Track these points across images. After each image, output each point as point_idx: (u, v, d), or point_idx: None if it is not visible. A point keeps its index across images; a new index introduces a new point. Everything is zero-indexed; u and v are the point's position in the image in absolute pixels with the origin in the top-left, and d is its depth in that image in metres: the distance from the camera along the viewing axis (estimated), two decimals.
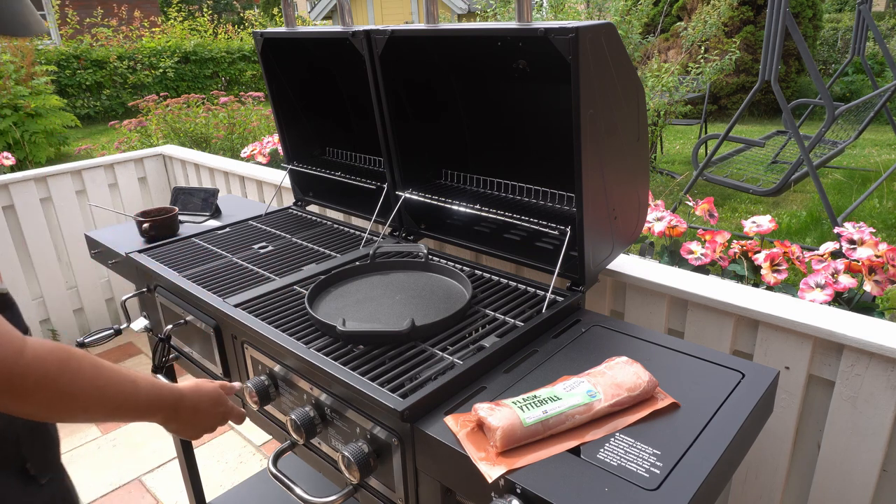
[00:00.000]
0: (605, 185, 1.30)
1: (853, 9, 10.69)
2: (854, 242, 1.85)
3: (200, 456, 2.62)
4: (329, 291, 1.44)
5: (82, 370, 0.83)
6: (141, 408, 0.95)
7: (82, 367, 0.83)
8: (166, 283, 1.56)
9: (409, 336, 1.20)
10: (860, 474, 1.32)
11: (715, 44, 7.67)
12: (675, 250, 2.03)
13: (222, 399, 1.16)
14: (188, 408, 1.07)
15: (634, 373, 1.00)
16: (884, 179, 5.38)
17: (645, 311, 1.58)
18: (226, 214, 2.10)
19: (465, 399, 1.04)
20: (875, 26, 5.17)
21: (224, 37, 11.73)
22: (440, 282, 1.47)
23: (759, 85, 4.18)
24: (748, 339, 1.44)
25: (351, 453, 1.04)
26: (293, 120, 2.04)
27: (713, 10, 5.80)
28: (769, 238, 2.08)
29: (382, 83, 1.54)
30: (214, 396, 1.14)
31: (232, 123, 4.76)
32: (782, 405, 1.40)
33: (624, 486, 0.84)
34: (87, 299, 3.50)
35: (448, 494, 1.01)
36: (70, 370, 0.81)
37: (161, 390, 0.99)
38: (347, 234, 1.85)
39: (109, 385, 0.88)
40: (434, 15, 1.46)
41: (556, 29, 1.12)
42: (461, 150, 1.79)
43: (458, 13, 15.12)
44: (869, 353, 1.24)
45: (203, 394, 1.11)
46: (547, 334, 1.24)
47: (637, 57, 5.71)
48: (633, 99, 1.32)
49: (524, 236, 1.63)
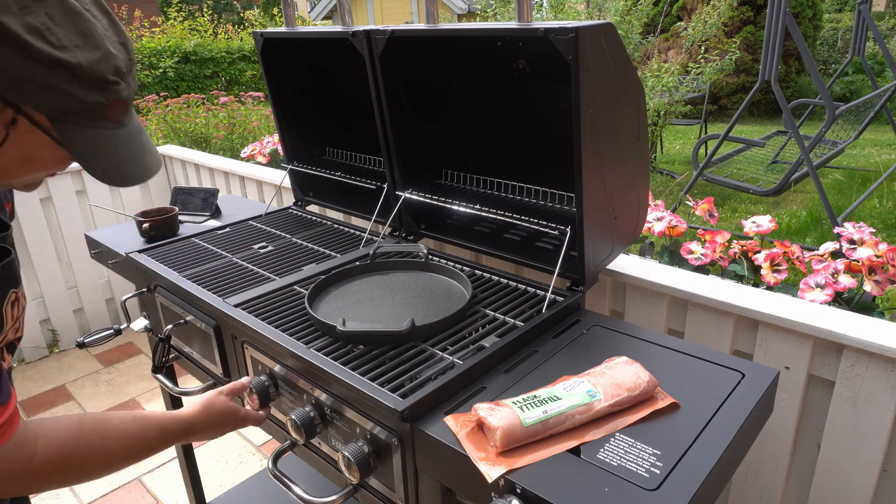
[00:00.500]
0: (605, 185, 1.30)
1: (853, 9, 10.69)
2: (854, 242, 1.85)
3: (200, 456, 2.62)
4: (329, 291, 1.44)
5: (90, 455, 0.91)
6: (154, 451, 1.02)
7: (91, 450, 0.91)
8: (166, 283, 1.56)
9: (409, 336, 1.20)
10: (860, 474, 1.32)
11: (715, 44, 7.67)
12: (675, 250, 2.03)
13: (232, 413, 1.17)
14: (199, 432, 1.11)
15: (634, 373, 1.00)
16: (884, 179, 5.38)
17: (645, 311, 1.58)
18: (226, 214, 2.10)
19: (465, 399, 1.04)
20: (875, 26, 5.17)
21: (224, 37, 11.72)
22: (440, 282, 1.47)
23: (759, 85, 4.18)
24: (748, 339, 1.44)
25: (351, 453, 1.04)
26: (293, 120, 2.04)
27: (713, 10, 5.80)
28: (769, 238, 2.08)
29: (382, 83, 1.54)
30: (224, 415, 1.16)
31: (232, 123, 4.76)
32: (782, 405, 1.40)
33: (624, 486, 0.84)
34: (87, 299, 3.50)
35: (448, 494, 1.01)
36: (78, 459, 0.89)
37: (169, 429, 1.04)
38: (347, 234, 1.85)
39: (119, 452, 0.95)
40: (434, 15, 1.46)
41: (556, 29, 1.12)
42: (461, 150, 1.79)
43: (458, 13, 15.12)
44: (869, 353, 1.24)
45: (214, 413, 1.14)
46: (547, 334, 1.24)
47: (637, 57, 5.71)
48: (633, 99, 1.32)
49: (524, 236, 1.63)
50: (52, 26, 0.73)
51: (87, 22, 0.76)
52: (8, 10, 0.70)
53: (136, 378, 3.20)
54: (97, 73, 0.77)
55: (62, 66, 0.73)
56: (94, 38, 0.77)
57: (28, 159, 0.81)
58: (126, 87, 0.82)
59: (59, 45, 0.73)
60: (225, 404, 1.16)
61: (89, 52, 0.76)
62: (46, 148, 0.79)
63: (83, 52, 0.75)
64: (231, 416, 1.17)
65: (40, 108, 0.76)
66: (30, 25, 0.71)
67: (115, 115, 0.82)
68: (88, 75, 0.76)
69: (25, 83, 0.73)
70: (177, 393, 1.57)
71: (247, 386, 1.25)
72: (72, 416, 0.92)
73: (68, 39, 0.74)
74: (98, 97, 0.78)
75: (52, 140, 0.78)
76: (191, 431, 1.09)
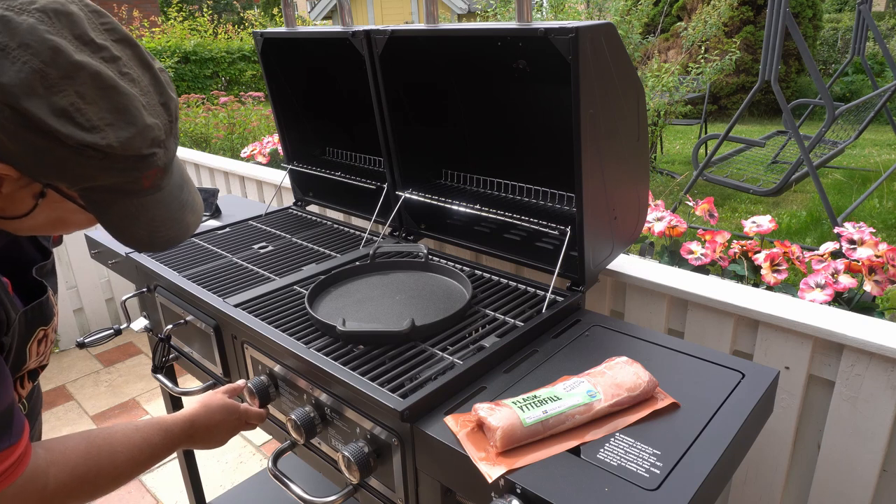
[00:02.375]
0: (605, 186, 1.30)
1: (853, 9, 10.68)
2: (854, 242, 1.85)
3: (200, 456, 2.62)
4: (329, 291, 1.44)
5: (101, 473, 0.91)
6: (160, 456, 1.02)
7: (101, 469, 0.90)
8: (166, 283, 1.56)
9: (409, 336, 1.20)
10: (860, 474, 1.32)
11: (715, 44, 7.67)
12: (675, 250, 2.03)
13: (232, 408, 1.17)
14: (202, 429, 1.11)
15: (634, 373, 1.00)
16: (884, 179, 5.38)
17: (645, 311, 1.58)
18: (226, 214, 2.10)
19: (465, 399, 1.04)
20: (875, 26, 5.17)
21: (224, 37, 11.72)
22: (440, 282, 1.47)
23: (759, 85, 4.18)
24: (748, 339, 1.43)
25: (351, 453, 1.04)
26: (293, 120, 2.04)
27: (713, 10, 5.79)
28: (769, 238, 2.08)
29: (382, 83, 1.54)
30: (224, 409, 1.15)
31: (232, 123, 4.76)
32: (782, 405, 1.40)
33: (624, 486, 0.84)
34: (87, 299, 3.50)
35: (448, 494, 1.01)
36: (90, 480, 0.89)
37: (171, 431, 1.04)
38: (347, 234, 1.85)
39: (128, 464, 0.95)
40: (434, 15, 1.46)
41: (556, 29, 1.12)
42: (461, 150, 1.79)
43: (458, 13, 15.12)
44: (869, 353, 1.24)
45: (213, 410, 1.13)
46: (547, 334, 1.24)
47: (637, 57, 5.71)
48: (633, 99, 1.32)
49: (524, 236, 1.63)
50: (83, 105, 0.69)
51: (121, 96, 0.72)
52: (33, 92, 0.66)
53: (136, 378, 3.20)
54: (131, 151, 0.73)
55: (91, 149, 0.69)
56: (128, 113, 0.72)
57: (60, 222, 0.80)
58: (164, 154, 0.78)
59: (88, 126, 0.69)
60: (223, 399, 1.16)
61: (122, 130, 0.71)
62: (78, 213, 0.78)
63: (115, 132, 0.71)
64: (231, 410, 1.16)
65: (69, 185, 0.73)
66: (57, 107, 0.67)
67: (151, 182, 0.78)
68: (121, 155, 0.72)
69: (52, 165, 0.70)
70: (177, 393, 1.57)
71: (243, 388, 1.25)
72: (78, 436, 0.91)
73: (100, 118, 0.70)
74: (132, 172, 0.75)
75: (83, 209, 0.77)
76: (193, 429, 1.09)
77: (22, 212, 0.75)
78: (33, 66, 0.66)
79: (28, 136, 0.67)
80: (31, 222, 0.78)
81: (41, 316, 0.93)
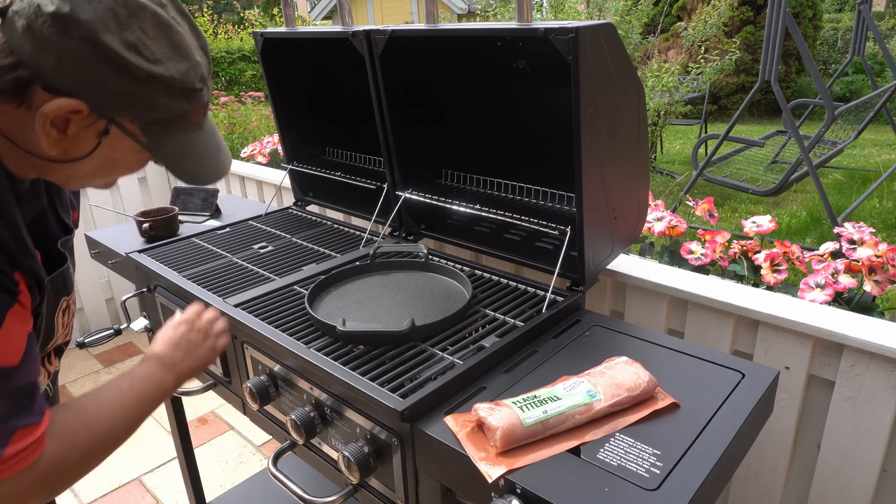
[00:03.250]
0: (605, 186, 1.30)
1: (853, 9, 10.68)
2: (854, 242, 1.85)
3: (200, 456, 2.62)
4: (329, 291, 1.44)
5: (94, 434, 0.92)
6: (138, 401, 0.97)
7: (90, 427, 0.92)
8: (166, 283, 1.56)
9: (409, 336, 1.20)
10: (860, 474, 1.32)
11: (715, 44, 7.67)
12: (675, 250, 2.03)
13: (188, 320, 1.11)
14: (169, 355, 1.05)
15: (634, 373, 1.00)
16: (884, 179, 5.38)
17: (645, 311, 1.58)
18: (226, 214, 2.10)
19: (465, 399, 1.04)
20: (875, 26, 5.17)
21: (224, 37, 11.72)
22: (440, 282, 1.47)
23: (759, 85, 4.18)
24: (748, 339, 1.44)
25: (351, 453, 1.04)
26: (293, 120, 2.04)
27: (713, 10, 5.79)
28: (769, 238, 2.08)
29: (382, 83, 1.54)
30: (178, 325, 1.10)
31: (232, 123, 4.75)
32: (782, 405, 1.40)
33: (624, 486, 0.84)
34: (87, 299, 3.50)
35: (448, 494, 1.01)
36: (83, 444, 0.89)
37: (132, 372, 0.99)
38: (347, 234, 1.85)
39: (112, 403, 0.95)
40: (434, 15, 1.46)
41: (556, 29, 1.12)
42: (461, 150, 1.79)
43: (458, 13, 15.11)
44: (869, 353, 1.24)
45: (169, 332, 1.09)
46: (547, 334, 1.24)
47: (637, 57, 5.71)
48: (633, 99, 1.32)
49: (524, 236, 1.63)
50: (147, 41, 0.76)
51: (176, 33, 0.79)
52: (108, 28, 0.73)
53: None
54: (187, 83, 0.80)
55: (157, 80, 0.76)
56: (183, 48, 0.80)
57: (113, 163, 0.84)
58: (207, 91, 0.85)
59: (153, 59, 0.76)
60: (172, 322, 1.11)
61: (180, 64, 0.79)
62: (132, 152, 0.83)
63: (175, 64, 0.78)
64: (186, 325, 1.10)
65: (133, 118, 0.79)
66: (127, 42, 0.74)
67: (197, 118, 0.85)
68: (180, 86, 0.79)
69: (122, 97, 0.76)
70: (177, 393, 1.57)
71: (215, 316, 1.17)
72: (62, 408, 0.91)
73: (161, 52, 0.77)
74: (185, 105, 0.82)
75: (140, 146, 0.82)
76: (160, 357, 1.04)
77: (84, 152, 0.80)
78: (107, 5, 0.73)
79: (103, 69, 0.73)
80: (87, 166, 0.82)
81: (64, 286, 0.95)
